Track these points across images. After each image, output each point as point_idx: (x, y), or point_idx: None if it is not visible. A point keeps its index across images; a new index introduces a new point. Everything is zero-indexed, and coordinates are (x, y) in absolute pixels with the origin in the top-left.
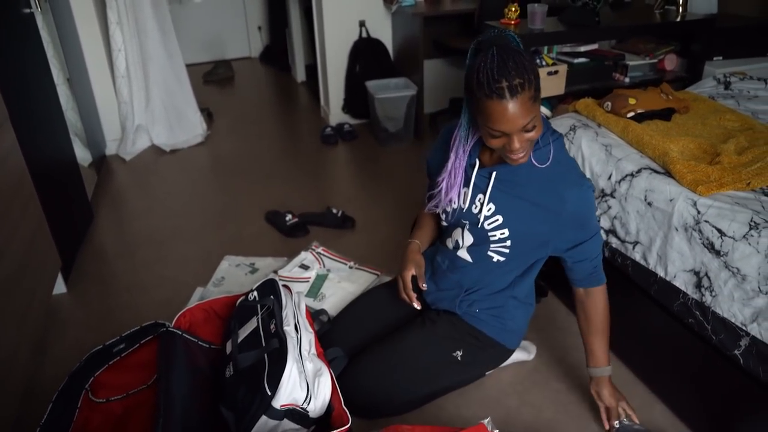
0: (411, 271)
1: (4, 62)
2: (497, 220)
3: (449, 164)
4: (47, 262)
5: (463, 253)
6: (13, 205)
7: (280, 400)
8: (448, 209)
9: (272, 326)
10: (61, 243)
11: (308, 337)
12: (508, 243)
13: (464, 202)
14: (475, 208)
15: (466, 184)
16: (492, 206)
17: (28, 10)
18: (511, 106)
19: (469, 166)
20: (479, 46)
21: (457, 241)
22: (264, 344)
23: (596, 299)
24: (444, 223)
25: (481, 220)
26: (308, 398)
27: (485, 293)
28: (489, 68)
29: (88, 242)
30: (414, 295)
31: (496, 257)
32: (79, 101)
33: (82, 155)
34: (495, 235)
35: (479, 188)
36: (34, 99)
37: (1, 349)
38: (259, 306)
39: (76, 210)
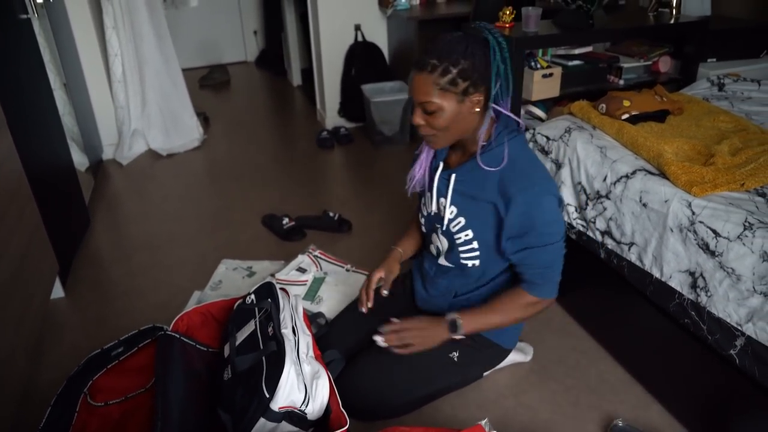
0: (380, 273)
1: (0, 68)
2: (460, 222)
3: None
4: (44, 267)
5: (443, 261)
6: (10, 209)
7: (278, 403)
8: (423, 207)
9: (270, 329)
10: (59, 247)
11: (306, 339)
12: (475, 244)
13: (434, 206)
14: (442, 211)
15: (430, 188)
16: (454, 209)
17: (24, 16)
18: (415, 76)
19: (433, 169)
20: (463, 28)
21: (437, 247)
22: (262, 347)
23: (517, 298)
24: (423, 230)
25: (446, 222)
26: (306, 400)
27: (476, 296)
28: (435, 42)
29: (86, 246)
30: (372, 296)
31: (470, 263)
32: (76, 106)
33: (79, 160)
34: (460, 238)
35: (441, 192)
36: (30, 104)
37: None
38: (256, 309)
39: (74, 214)
